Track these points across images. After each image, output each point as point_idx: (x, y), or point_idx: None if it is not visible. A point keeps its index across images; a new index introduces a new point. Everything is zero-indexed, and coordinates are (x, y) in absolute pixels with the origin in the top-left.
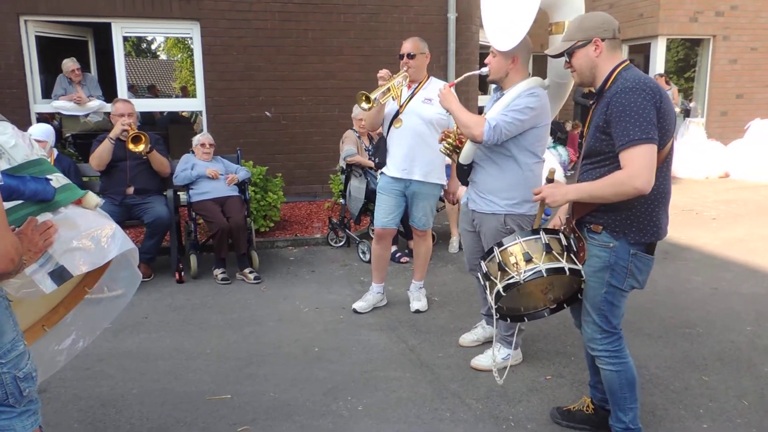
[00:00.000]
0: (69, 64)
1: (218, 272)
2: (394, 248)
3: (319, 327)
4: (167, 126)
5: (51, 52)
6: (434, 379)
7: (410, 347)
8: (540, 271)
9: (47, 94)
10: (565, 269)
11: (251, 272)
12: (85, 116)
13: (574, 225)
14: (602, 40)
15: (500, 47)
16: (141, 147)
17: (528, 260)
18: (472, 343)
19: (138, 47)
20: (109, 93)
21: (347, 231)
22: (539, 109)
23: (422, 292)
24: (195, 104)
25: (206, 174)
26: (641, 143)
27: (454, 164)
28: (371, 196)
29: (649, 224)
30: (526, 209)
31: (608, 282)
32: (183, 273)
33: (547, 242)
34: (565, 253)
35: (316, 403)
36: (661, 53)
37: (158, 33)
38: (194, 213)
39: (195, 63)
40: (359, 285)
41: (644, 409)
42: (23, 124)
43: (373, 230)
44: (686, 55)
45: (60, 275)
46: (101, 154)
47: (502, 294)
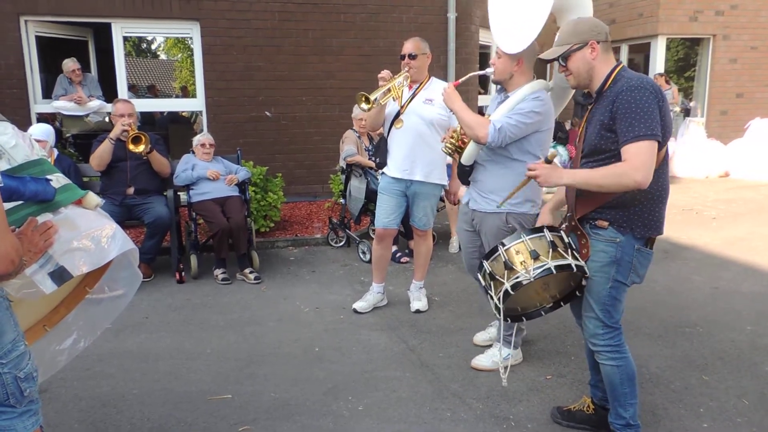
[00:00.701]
0: (69, 64)
1: (218, 272)
2: (395, 248)
3: (320, 327)
4: (167, 126)
5: (51, 52)
6: (435, 379)
7: (410, 347)
8: (549, 268)
9: (47, 94)
10: (572, 266)
11: (251, 272)
12: (86, 116)
13: (577, 222)
14: (597, 43)
15: (508, 49)
16: (141, 147)
17: (536, 258)
18: (486, 342)
19: (138, 47)
20: (109, 93)
21: (347, 231)
22: (544, 114)
23: (422, 292)
24: (195, 104)
25: (207, 176)
26: (645, 139)
27: (455, 164)
28: (371, 196)
29: (653, 219)
30: (528, 208)
31: (614, 277)
32: (183, 273)
33: (552, 239)
34: (569, 250)
35: (317, 403)
36: (661, 52)
37: (158, 33)
38: (194, 213)
39: (195, 63)
40: (359, 285)
41: (644, 409)
42: (24, 124)
43: (374, 230)
44: (686, 55)
45: (60, 276)
46: (101, 155)
47: (511, 293)
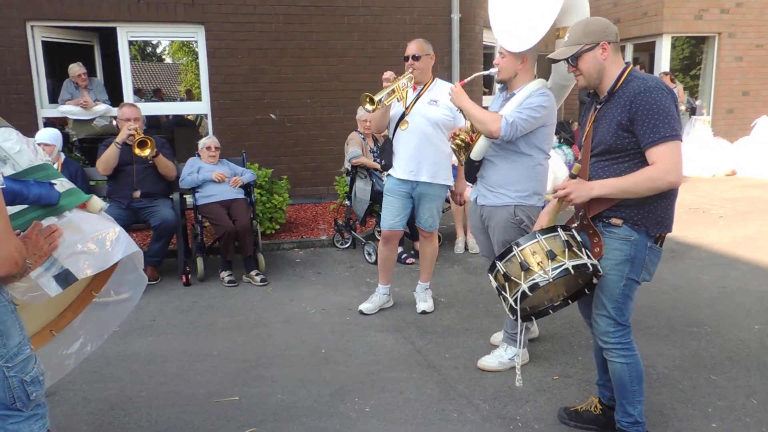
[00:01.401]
0: (75, 69)
1: (225, 275)
2: (400, 249)
3: (326, 328)
4: (173, 129)
5: (57, 57)
6: (441, 380)
7: (417, 348)
8: (567, 269)
9: (54, 99)
10: (588, 265)
11: (257, 274)
12: (92, 120)
13: (590, 221)
14: (608, 43)
15: (513, 48)
16: (147, 151)
17: (552, 258)
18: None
19: (143, 51)
20: (115, 97)
21: (353, 232)
22: (550, 108)
23: (428, 293)
24: (200, 107)
25: (212, 178)
26: (671, 140)
27: (461, 165)
28: (376, 198)
29: (666, 217)
30: (535, 201)
31: (627, 275)
32: (190, 276)
33: (566, 239)
34: (583, 249)
35: (324, 405)
36: (666, 51)
37: (163, 37)
38: (200, 216)
39: (200, 66)
40: (365, 286)
41: (652, 409)
42: (30, 129)
43: (379, 232)
44: (691, 53)
45: (65, 279)
46: (108, 159)
47: (528, 294)
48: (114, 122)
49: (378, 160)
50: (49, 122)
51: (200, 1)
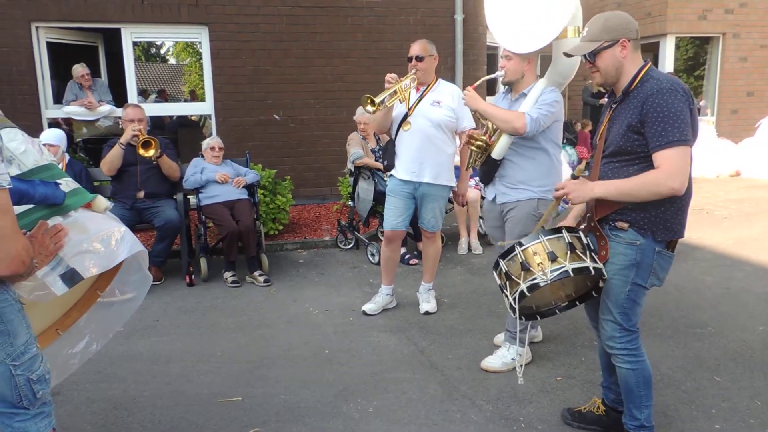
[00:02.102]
0: (79, 70)
1: (228, 275)
2: (403, 250)
3: (329, 329)
4: (177, 130)
5: (62, 58)
6: (444, 381)
7: (420, 349)
8: (567, 271)
9: (58, 100)
10: (590, 268)
11: (261, 275)
12: (96, 121)
13: (596, 223)
14: (628, 41)
15: (521, 50)
16: (151, 152)
17: (553, 259)
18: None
19: (147, 52)
20: (120, 97)
21: (356, 233)
22: (560, 103)
23: (431, 294)
24: (204, 108)
25: (216, 179)
26: (679, 144)
27: (463, 166)
28: (379, 198)
29: (675, 222)
30: None
31: (633, 280)
32: (193, 276)
33: (570, 241)
34: (587, 252)
35: (327, 405)
36: (670, 52)
37: (167, 38)
38: (204, 216)
39: (204, 67)
40: (368, 287)
41: (656, 410)
42: (35, 130)
43: (382, 232)
44: (696, 53)
45: (71, 278)
46: (112, 160)
47: (527, 294)
48: (119, 124)
49: (381, 161)
50: (55, 123)
51: (204, 2)
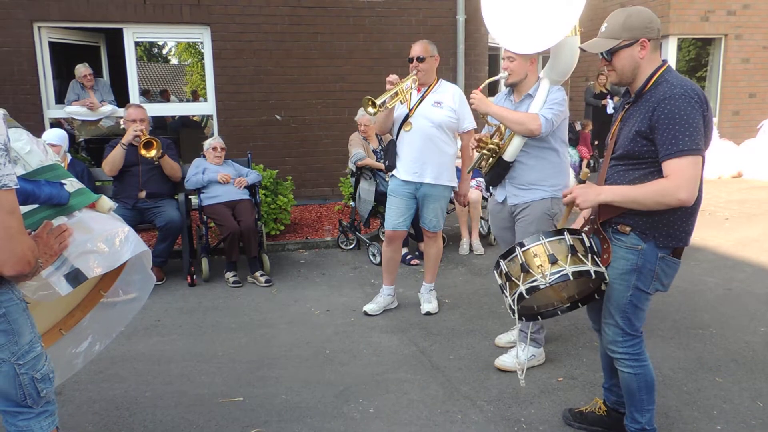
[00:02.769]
0: (81, 70)
1: (229, 275)
2: (405, 250)
3: (330, 329)
4: (178, 130)
5: (64, 58)
6: (445, 381)
7: (421, 349)
8: (566, 274)
9: (60, 100)
10: (591, 272)
11: (262, 275)
12: (98, 121)
13: (599, 225)
14: (648, 41)
15: (524, 50)
16: (153, 153)
17: (553, 262)
18: (509, 344)
19: (149, 52)
20: (121, 97)
21: (357, 233)
22: (567, 101)
23: (433, 294)
24: (206, 108)
25: (218, 179)
26: (689, 154)
27: (464, 167)
28: (381, 199)
29: (680, 229)
30: None
31: (634, 285)
32: (195, 276)
33: (572, 243)
34: (589, 255)
35: (328, 406)
36: (673, 53)
37: (169, 38)
38: (205, 216)
39: (205, 67)
40: (370, 287)
41: (657, 411)
42: (37, 130)
43: (384, 232)
44: (698, 55)
45: (75, 278)
46: (113, 160)
47: (525, 296)
48: (121, 123)
49: (382, 161)
50: (57, 123)
51: (206, 2)
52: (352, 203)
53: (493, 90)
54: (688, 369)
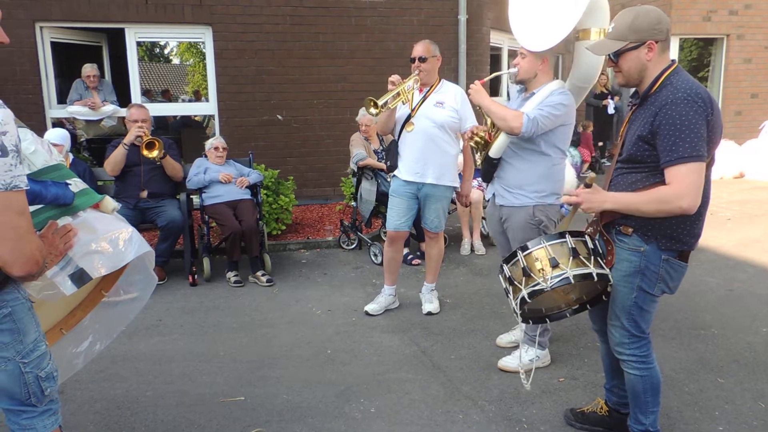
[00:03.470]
0: (88, 69)
1: (231, 275)
2: (406, 250)
3: (331, 329)
4: (180, 130)
5: (66, 58)
6: (446, 381)
7: (422, 349)
8: (568, 278)
9: (62, 99)
10: (593, 275)
11: (264, 275)
12: (100, 121)
13: (602, 227)
14: (656, 43)
15: (534, 48)
16: (155, 153)
17: (555, 266)
18: (510, 344)
19: (151, 52)
20: (123, 97)
21: (359, 233)
22: (569, 107)
23: (434, 294)
24: (207, 108)
25: (219, 179)
26: (690, 161)
27: (467, 168)
28: (382, 199)
29: (684, 233)
30: (553, 200)
31: (639, 287)
32: (196, 276)
33: (574, 246)
34: (592, 257)
35: (329, 405)
36: (674, 53)
37: (171, 38)
38: (207, 216)
39: (207, 67)
40: (371, 287)
41: (659, 412)
42: (39, 129)
43: (385, 233)
44: (700, 55)
45: (80, 277)
46: (115, 160)
47: (527, 300)
48: (123, 124)
49: (383, 161)
50: (59, 123)
51: (208, 2)
52: (354, 203)
53: (498, 89)
54: (690, 370)
